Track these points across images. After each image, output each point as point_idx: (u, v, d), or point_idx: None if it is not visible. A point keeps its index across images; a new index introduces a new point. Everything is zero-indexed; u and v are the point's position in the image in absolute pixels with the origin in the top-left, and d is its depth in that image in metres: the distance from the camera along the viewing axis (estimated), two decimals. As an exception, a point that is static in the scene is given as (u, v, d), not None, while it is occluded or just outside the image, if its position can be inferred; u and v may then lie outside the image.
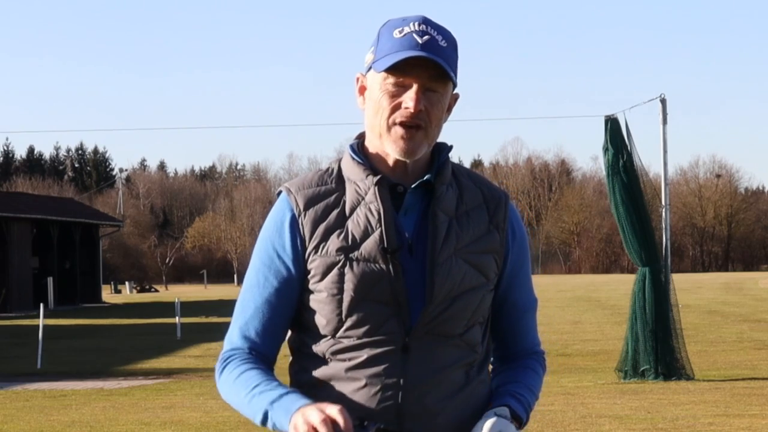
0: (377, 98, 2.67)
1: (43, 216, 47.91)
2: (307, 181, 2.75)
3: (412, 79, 2.64)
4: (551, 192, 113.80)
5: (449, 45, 2.67)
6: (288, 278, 2.70)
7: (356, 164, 2.72)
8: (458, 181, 2.78)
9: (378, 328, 2.64)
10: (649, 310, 16.33)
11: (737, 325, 28.20)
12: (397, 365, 2.63)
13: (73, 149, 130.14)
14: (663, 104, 17.27)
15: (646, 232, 16.52)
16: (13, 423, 12.67)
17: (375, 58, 2.67)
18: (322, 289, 2.66)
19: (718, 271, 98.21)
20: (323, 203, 2.70)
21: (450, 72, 2.64)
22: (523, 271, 2.84)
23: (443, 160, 2.75)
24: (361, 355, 2.64)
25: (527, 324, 2.87)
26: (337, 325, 2.66)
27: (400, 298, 2.63)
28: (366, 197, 2.68)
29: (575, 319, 31.57)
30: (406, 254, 2.66)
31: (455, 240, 2.68)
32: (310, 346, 2.71)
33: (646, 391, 14.74)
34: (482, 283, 2.71)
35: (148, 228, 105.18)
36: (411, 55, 2.60)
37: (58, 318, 37.21)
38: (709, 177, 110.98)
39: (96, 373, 18.84)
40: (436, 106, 2.66)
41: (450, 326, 2.67)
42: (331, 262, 2.65)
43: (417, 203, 2.71)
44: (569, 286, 59.94)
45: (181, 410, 13.47)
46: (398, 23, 2.68)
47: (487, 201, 2.79)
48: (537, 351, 2.89)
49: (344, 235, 2.66)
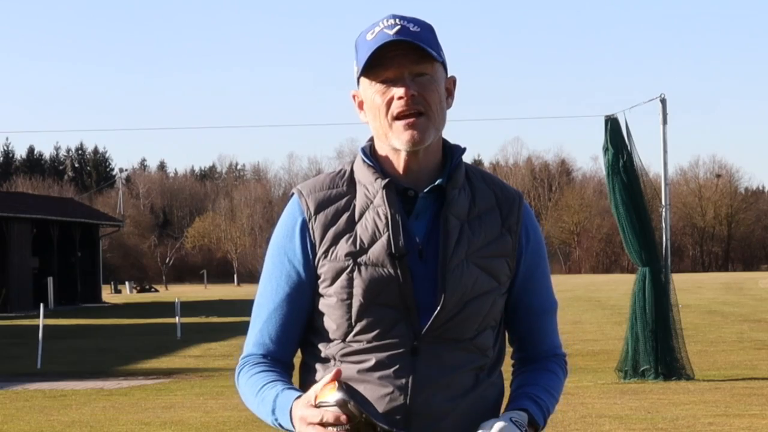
0: (372, 101, 2.66)
1: (43, 216, 47.90)
2: (318, 183, 2.74)
3: (396, 70, 2.63)
4: (551, 192, 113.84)
5: (423, 29, 2.67)
6: (299, 283, 2.70)
7: (367, 167, 2.70)
8: (471, 183, 2.74)
9: (387, 332, 2.63)
10: (649, 310, 16.33)
11: (737, 325, 28.19)
12: (406, 368, 2.62)
13: (73, 149, 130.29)
14: (663, 104, 17.28)
15: (646, 232, 16.52)
16: (13, 423, 12.67)
17: (357, 67, 2.68)
18: (332, 294, 2.66)
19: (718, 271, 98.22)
20: (333, 207, 2.69)
21: (429, 49, 2.62)
22: (539, 273, 2.80)
23: (456, 163, 2.72)
24: (371, 358, 2.64)
25: (546, 327, 2.84)
26: (347, 330, 2.66)
27: (409, 302, 2.62)
28: (375, 201, 2.67)
29: (575, 319, 31.56)
30: (416, 259, 2.64)
31: (467, 244, 2.66)
32: (321, 348, 2.71)
33: (646, 391, 14.74)
34: (494, 287, 2.68)
35: (148, 228, 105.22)
36: (382, 42, 2.60)
37: (58, 318, 37.20)
38: (709, 177, 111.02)
39: (96, 373, 18.83)
40: (430, 88, 2.64)
41: (460, 330, 2.65)
42: (341, 267, 2.64)
43: (429, 207, 2.68)
44: (569, 286, 59.93)
45: (181, 410, 13.46)
46: (369, 28, 2.69)
47: (500, 203, 2.75)
48: (558, 353, 2.88)
49: (353, 240, 2.65)
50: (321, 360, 2.71)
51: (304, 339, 2.77)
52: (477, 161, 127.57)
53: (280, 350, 2.74)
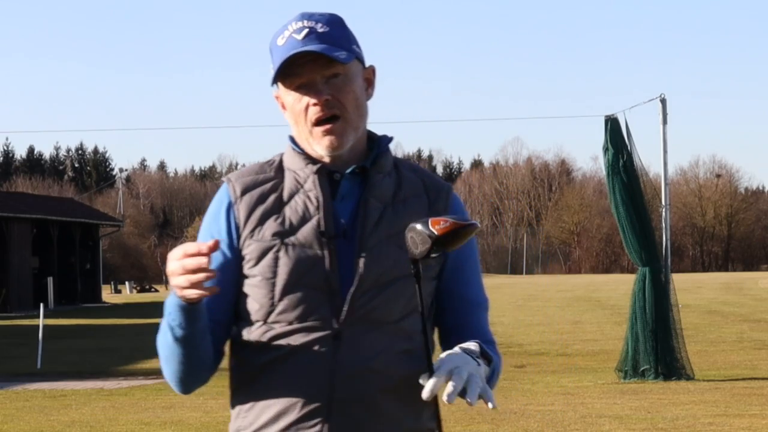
0: (291, 107, 2.68)
1: (43, 216, 47.88)
2: (247, 170, 2.77)
3: (308, 76, 2.64)
4: (551, 192, 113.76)
5: (332, 26, 2.68)
6: (224, 263, 2.67)
7: (296, 154, 2.73)
8: (399, 171, 2.76)
9: (310, 314, 2.62)
10: (649, 310, 16.34)
11: (737, 325, 28.19)
12: (328, 351, 2.60)
13: (73, 149, 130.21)
14: (663, 104, 17.28)
15: (646, 232, 16.53)
16: (13, 423, 12.67)
17: (272, 72, 2.68)
18: (256, 274, 2.65)
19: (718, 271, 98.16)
20: (260, 189, 2.71)
21: (334, 53, 2.62)
22: (470, 265, 2.78)
23: (382, 150, 2.74)
24: (293, 341, 2.62)
25: (479, 321, 2.79)
26: (269, 309, 2.64)
27: (333, 283, 2.61)
28: (305, 185, 2.69)
29: (575, 319, 31.56)
30: (341, 240, 2.65)
31: (387, 226, 2.66)
32: (245, 335, 2.69)
33: (646, 391, 14.74)
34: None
35: (148, 228, 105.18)
36: (286, 56, 2.61)
37: (58, 318, 37.19)
38: (709, 177, 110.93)
39: (96, 373, 18.84)
40: (344, 89, 2.65)
41: (383, 312, 2.63)
42: (266, 247, 2.64)
43: (354, 190, 2.70)
44: (569, 286, 59.93)
45: (181, 410, 13.47)
46: (280, 31, 2.69)
47: (427, 190, 2.75)
48: (492, 340, 2.78)
49: (281, 221, 2.66)
50: (247, 347, 2.69)
51: (232, 333, 2.73)
52: (477, 161, 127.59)
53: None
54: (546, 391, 14.97)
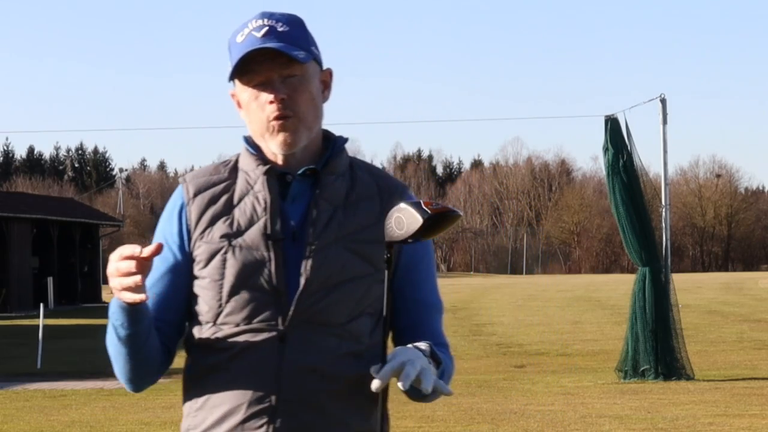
0: (247, 105, 2.69)
1: (43, 216, 47.87)
2: (202, 171, 2.79)
3: (265, 75, 2.64)
4: (551, 192, 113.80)
5: (292, 26, 2.68)
6: (175, 264, 2.69)
7: (249, 155, 2.73)
8: (354, 173, 2.75)
9: (256, 315, 2.62)
10: (649, 310, 16.33)
11: (737, 325, 28.18)
12: (274, 353, 2.60)
13: (73, 149, 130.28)
14: (663, 104, 17.28)
15: (646, 232, 16.53)
16: (13, 423, 12.67)
17: (229, 69, 2.68)
18: (205, 275, 2.66)
19: (718, 271, 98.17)
20: (211, 191, 2.72)
21: (293, 52, 2.62)
22: (424, 267, 2.76)
23: (336, 151, 2.73)
24: (240, 343, 2.62)
25: (432, 323, 2.77)
26: (217, 311, 2.65)
27: (280, 285, 2.61)
28: (255, 187, 2.69)
29: (575, 319, 31.56)
30: (290, 243, 2.65)
31: (337, 228, 2.65)
32: (196, 335, 2.71)
33: (646, 391, 14.74)
34: (369, 272, 2.64)
35: (148, 228, 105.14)
36: (245, 52, 2.62)
37: (58, 318, 37.17)
38: (709, 177, 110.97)
39: (96, 373, 18.81)
40: (300, 89, 2.65)
41: (329, 315, 2.62)
42: (215, 249, 2.65)
43: (305, 192, 2.69)
44: (569, 286, 59.91)
45: (181, 410, 13.44)
46: (240, 28, 2.69)
47: (381, 192, 2.73)
48: (444, 343, 2.76)
49: (230, 222, 2.66)
50: (197, 348, 2.71)
51: (185, 333, 2.75)
52: (477, 161, 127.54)
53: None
54: (546, 391, 14.97)
